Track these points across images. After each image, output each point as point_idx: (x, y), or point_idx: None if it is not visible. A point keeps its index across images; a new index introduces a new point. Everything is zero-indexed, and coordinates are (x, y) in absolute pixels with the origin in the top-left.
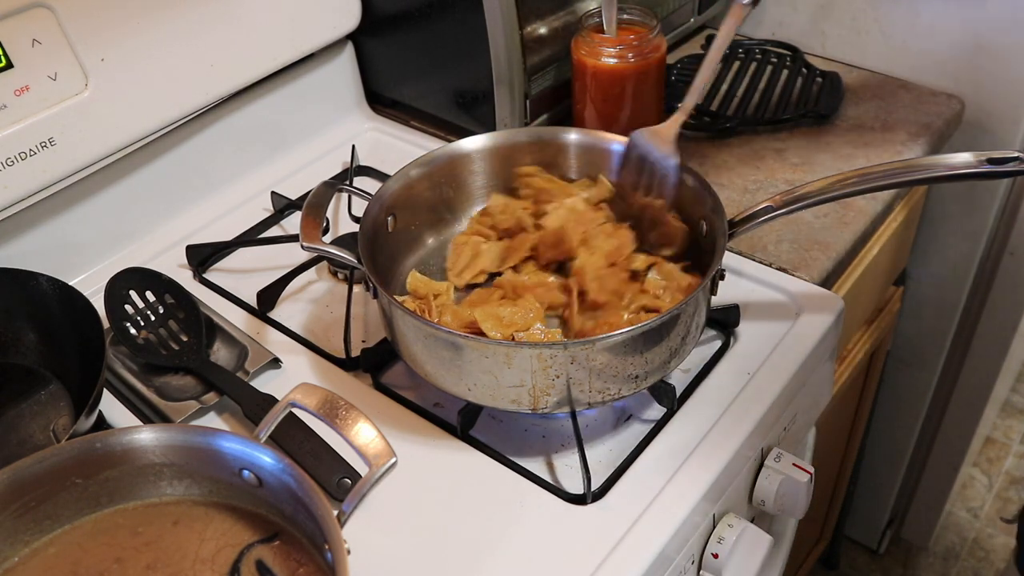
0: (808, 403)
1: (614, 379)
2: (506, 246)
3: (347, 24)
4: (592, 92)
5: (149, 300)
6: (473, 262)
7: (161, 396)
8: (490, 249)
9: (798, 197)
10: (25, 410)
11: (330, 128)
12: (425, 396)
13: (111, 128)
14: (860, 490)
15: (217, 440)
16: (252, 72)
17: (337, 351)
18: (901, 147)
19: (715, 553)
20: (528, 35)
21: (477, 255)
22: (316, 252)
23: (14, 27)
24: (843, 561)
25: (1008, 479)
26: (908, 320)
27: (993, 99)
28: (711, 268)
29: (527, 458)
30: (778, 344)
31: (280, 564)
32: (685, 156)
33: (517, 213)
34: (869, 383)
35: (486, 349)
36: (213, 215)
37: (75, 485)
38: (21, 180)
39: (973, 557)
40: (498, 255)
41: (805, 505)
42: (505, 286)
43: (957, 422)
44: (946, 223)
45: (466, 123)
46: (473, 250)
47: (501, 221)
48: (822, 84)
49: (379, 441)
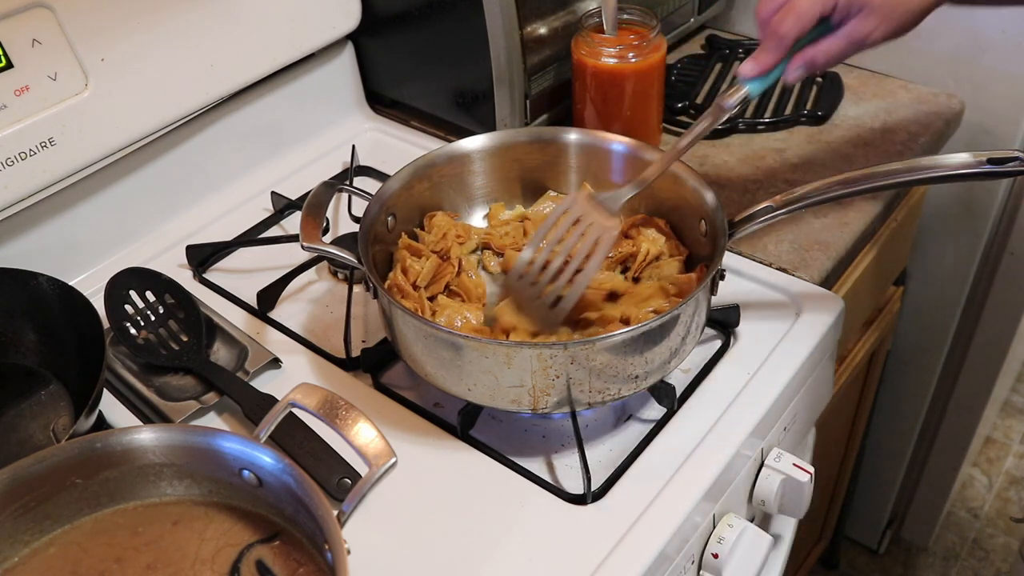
0: (808, 403)
1: (614, 379)
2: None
3: (347, 24)
4: (592, 92)
5: (149, 300)
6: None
7: (161, 396)
8: (419, 266)
9: (798, 197)
10: (25, 410)
11: (330, 128)
12: (425, 396)
13: (111, 128)
14: (860, 490)
15: (217, 440)
16: (252, 72)
17: (337, 351)
18: (901, 147)
19: (715, 553)
20: (528, 35)
21: (407, 271)
22: (316, 252)
23: (14, 27)
24: (843, 561)
25: (1008, 479)
26: (908, 320)
27: (993, 99)
28: (711, 268)
29: (527, 458)
30: (778, 344)
31: (280, 564)
32: (685, 156)
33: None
34: (869, 383)
35: (486, 349)
36: (213, 215)
37: (75, 485)
38: (21, 180)
39: (973, 557)
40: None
41: (805, 505)
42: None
43: (957, 422)
44: (946, 223)
45: (466, 123)
46: (402, 264)
47: (432, 243)
48: (822, 84)
49: (379, 441)
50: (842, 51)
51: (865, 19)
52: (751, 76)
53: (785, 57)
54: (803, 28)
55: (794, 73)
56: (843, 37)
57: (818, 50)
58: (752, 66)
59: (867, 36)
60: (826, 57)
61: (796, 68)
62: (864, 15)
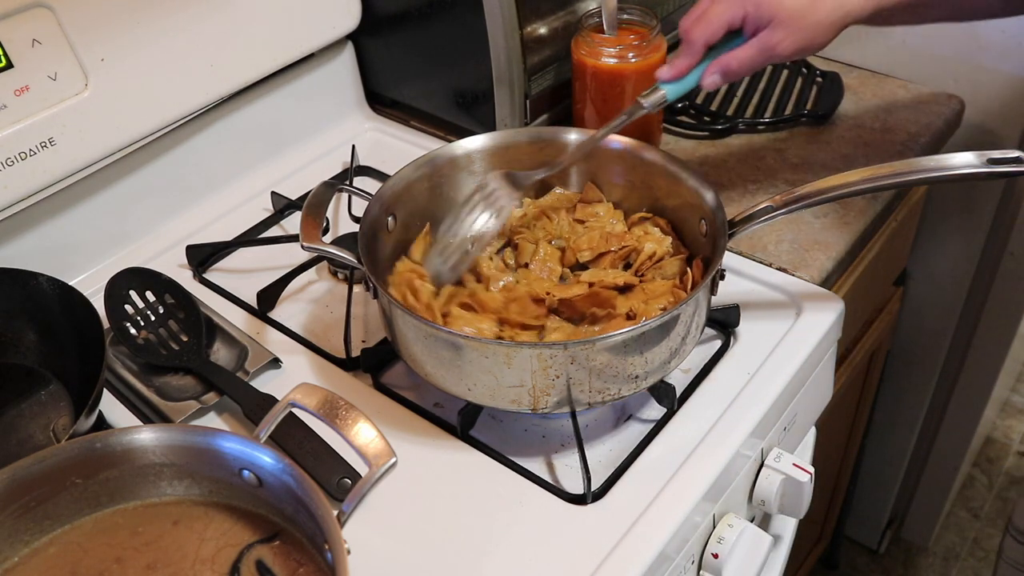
0: (808, 403)
1: (614, 379)
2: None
3: (347, 24)
4: (592, 92)
5: (149, 300)
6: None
7: (161, 396)
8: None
9: (798, 197)
10: (25, 410)
11: (330, 128)
12: (425, 396)
13: (111, 128)
14: (860, 490)
15: (217, 440)
16: (252, 72)
17: (337, 351)
18: (901, 147)
19: (715, 553)
20: (528, 35)
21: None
22: (316, 252)
23: (14, 27)
24: (843, 561)
25: (1008, 479)
26: (908, 320)
27: (993, 99)
28: (711, 268)
29: (527, 458)
30: (778, 344)
31: (280, 564)
32: (685, 156)
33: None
34: (869, 383)
35: (486, 349)
36: (213, 215)
37: (75, 485)
38: (21, 180)
39: (973, 557)
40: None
41: (805, 505)
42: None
43: (957, 422)
44: (946, 223)
45: (466, 123)
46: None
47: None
48: (822, 84)
49: (379, 441)
50: (753, 59)
51: (774, 30)
52: (667, 79)
53: (700, 63)
54: (712, 35)
55: (709, 78)
56: (754, 46)
57: (731, 57)
58: (667, 70)
59: (776, 46)
60: (739, 64)
61: (711, 74)
62: (773, 27)
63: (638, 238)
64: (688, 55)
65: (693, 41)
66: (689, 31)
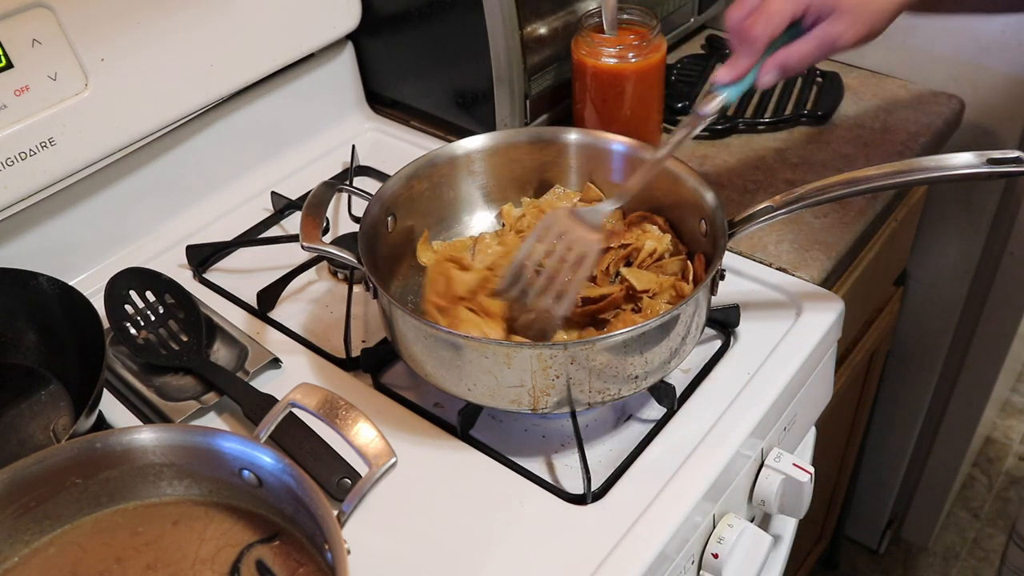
0: (808, 403)
1: (614, 379)
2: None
3: (347, 24)
4: (592, 92)
5: (149, 300)
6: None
7: (161, 396)
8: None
9: (798, 197)
10: (25, 410)
11: (330, 128)
12: (425, 396)
13: (111, 128)
14: (860, 490)
15: (217, 440)
16: (252, 72)
17: (337, 351)
18: (901, 147)
19: (715, 553)
20: (528, 35)
21: (451, 281)
22: (316, 252)
23: (14, 27)
24: (843, 561)
25: (1008, 479)
26: (908, 320)
27: (993, 99)
28: (711, 268)
29: (527, 458)
30: (778, 344)
31: (280, 564)
32: (685, 156)
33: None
34: (869, 383)
35: (486, 349)
36: (213, 215)
37: (75, 485)
38: (21, 180)
39: (973, 557)
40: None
41: (805, 505)
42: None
43: (957, 422)
44: (946, 223)
45: (466, 123)
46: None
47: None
48: (822, 84)
49: (379, 441)
50: (814, 53)
51: (836, 21)
52: (726, 82)
53: (758, 61)
54: (775, 31)
55: (766, 76)
56: (815, 39)
57: (790, 52)
58: (726, 72)
59: (839, 38)
60: (799, 59)
61: (768, 71)
62: (835, 17)
63: (637, 236)
64: (748, 54)
65: (755, 38)
66: (749, 28)
